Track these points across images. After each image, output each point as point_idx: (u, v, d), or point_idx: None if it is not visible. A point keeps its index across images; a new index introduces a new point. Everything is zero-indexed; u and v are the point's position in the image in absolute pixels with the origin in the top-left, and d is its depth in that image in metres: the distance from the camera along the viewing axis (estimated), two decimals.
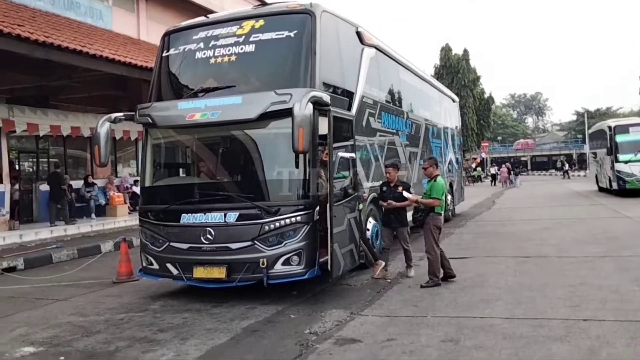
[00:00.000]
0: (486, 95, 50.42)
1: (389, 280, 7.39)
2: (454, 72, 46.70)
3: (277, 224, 6.35)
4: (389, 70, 10.33)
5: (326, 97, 6.48)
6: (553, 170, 61.09)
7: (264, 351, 4.81)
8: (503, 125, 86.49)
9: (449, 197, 14.34)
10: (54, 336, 5.54)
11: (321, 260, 6.57)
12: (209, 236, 6.53)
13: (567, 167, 48.15)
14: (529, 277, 7.29)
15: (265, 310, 6.17)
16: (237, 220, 6.46)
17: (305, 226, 6.38)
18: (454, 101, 17.76)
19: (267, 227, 6.37)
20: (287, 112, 6.12)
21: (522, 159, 76.83)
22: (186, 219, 6.71)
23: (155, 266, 6.99)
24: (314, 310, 6.11)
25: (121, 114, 7.16)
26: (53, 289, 7.98)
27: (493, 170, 43.42)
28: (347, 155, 6.86)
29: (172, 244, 6.79)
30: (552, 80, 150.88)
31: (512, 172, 39.21)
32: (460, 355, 4.40)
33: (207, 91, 6.93)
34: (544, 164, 73.71)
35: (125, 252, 8.56)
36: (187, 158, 7.51)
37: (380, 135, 9.21)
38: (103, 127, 6.88)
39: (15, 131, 14.09)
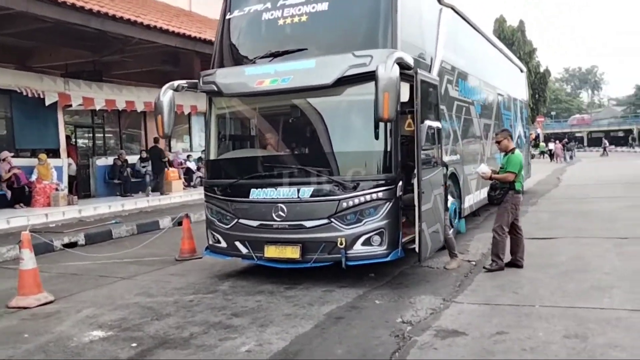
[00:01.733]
0: (542, 69, 48.11)
1: (474, 263, 6.71)
2: (509, 44, 44.44)
3: (356, 201, 5.76)
4: (465, 34, 9.49)
5: (410, 59, 5.78)
6: (612, 146, 58.26)
7: (356, 343, 4.26)
8: (556, 100, 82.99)
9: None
10: (123, 319, 5.17)
11: (403, 240, 5.96)
12: (281, 213, 6.01)
13: (606, 144, 46.42)
14: (637, 261, 6.47)
15: (344, 294, 5.63)
16: (311, 196, 5.90)
17: (387, 203, 5.76)
18: (521, 71, 16.63)
19: (345, 204, 5.78)
20: (368, 77, 5.52)
21: (578, 134, 73.52)
22: (256, 194, 6.20)
23: (223, 244, 6.54)
24: (399, 295, 5.52)
25: (184, 81, 6.64)
26: (116, 266, 7.68)
27: (552, 145, 41.79)
28: (433, 124, 6.16)
29: (241, 221, 6.31)
30: (608, 54, 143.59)
31: (565, 148, 38.05)
32: (596, 355, 3.73)
33: (276, 55, 6.31)
34: (600, 141, 70.42)
35: (187, 228, 8.19)
36: (256, 129, 6.93)
37: (457, 105, 8.44)
38: (166, 95, 6.40)
39: (71, 105, 13.97)
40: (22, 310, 5.58)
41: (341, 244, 5.75)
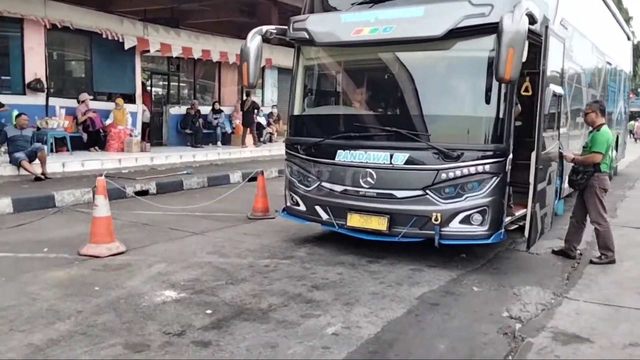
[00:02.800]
0: (636, 40, 44.32)
1: (579, 252, 5.92)
2: None
3: (458, 172, 5.07)
4: None
5: (537, 10, 4.91)
6: None
7: (459, 337, 3.68)
8: None
9: (614, 152, 12.15)
10: (196, 279, 4.81)
11: (505, 220, 5.27)
12: (369, 179, 5.42)
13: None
14: None
15: (435, 276, 5.04)
16: (405, 163, 5.26)
17: (495, 178, 5.04)
18: (628, 38, 14.96)
19: (444, 175, 5.11)
20: (486, 29, 4.80)
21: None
22: (343, 156, 5.62)
23: (302, 207, 6.06)
24: (499, 283, 4.87)
25: (273, 27, 6.05)
26: (187, 219, 7.41)
27: (636, 124, 38.87)
28: (558, 90, 5.31)
29: (323, 184, 5.79)
30: None
31: None
32: None
33: (376, 2, 5.60)
34: None
35: (262, 186, 7.78)
36: (348, 84, 6.27)
37: (570, 71, 7.45)
38: (254, 41, 5.84)
39: (149, 50, 13.82)
40: (94, 259, 5.35)
41: (436, 219, 5.12)
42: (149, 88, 15.45)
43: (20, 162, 9.18)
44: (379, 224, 5.43)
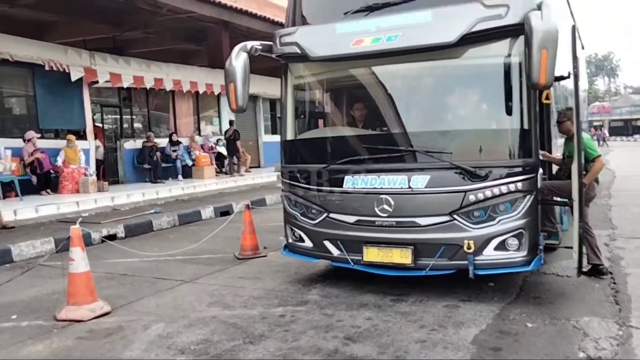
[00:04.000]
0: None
1: (602, 268, 5.53)
2: None
3: (488, 193, 4.58)
4: None
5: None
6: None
7: None
8: None
9: None
10: (207, 341, 4.06)
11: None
12: (386, 207, 4.86)
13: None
14: None
15: (476, 312, 4.50)
16: (427, 187, 4.73)
17: (528, 196, 4.59)
18: (582, 48, 15.14)
19: (472, 197, 4.61)
20: (502, 32, 4.45)
21: (596, 123, 71.59)
22: (352, 182, 5.04)
23: (307, 243, 5.41)
24: (551, 316, 4.36)
25: (257, 42, 5.42)
26: (169, 265, 6.60)
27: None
28: (583, 93, 4.94)
29: (332, 215, 5.17)
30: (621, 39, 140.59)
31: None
32: None
33: (374, 9, 5.06)
34: (620, 129, 68.57)
35: (249, 222, 7.05)
36: (349, 101, 5.68)
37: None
38: (239, 58, 5.19)
39: (97, 81, 12.85)
40: (75, 325, 4.51)
41: (469, 247, 4.59)
42: (99, 122, 14.39)
43: None
44: (402, 256, 4.85)
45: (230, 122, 16.49)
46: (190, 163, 15.40)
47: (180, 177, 14.75)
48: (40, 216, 9.41)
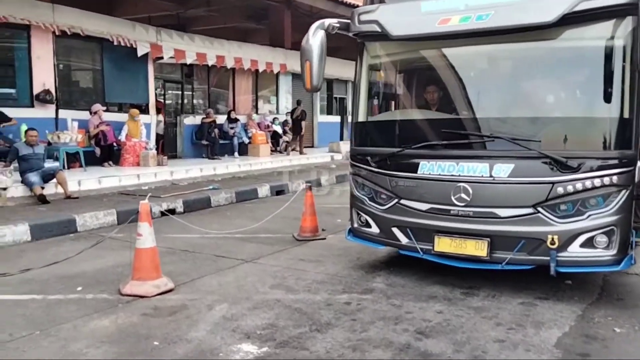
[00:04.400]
0: None
1: None
2: None
3: (579, 186, 4.21)
4: None
5: None
6: None
7: None
8: None
9: None
10: (272, 326, 3.93)
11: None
12: (463, 195, 4.56)
13: None
14: None
15: (556, 312, 4.19)
16: (510, 176, 4.40)
17: (623, 191, 4.19)
18: None
19: (560, 189, 4.26)
20: (609, 12, 4.04)
21: None
22: (428, 168, 4.77)
23: (374, 229, 5.19)
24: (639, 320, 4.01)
25: (335, 20, 5.17)
26: (229, 243, 6.54)
27: None
28: None
29: (403, 202, 4.92)
30: None
31: None
32: None
33: None
34: None
35: (311, 203, 6.90)
36: (431, 83, 5.32)
37: None
38: (316, 36, 4.95)
39: (162, 57, 12.93)
40: (139, 300, 4.47)
41: (552, 243, 4.26)
42: (161, 98, 14.57)
43: (33, 187, 8.26)
44: (477, 248, 4.56)
45: (298, 102, 16.68)
46: (246, 141, 15.42)
47: (236, 154, 14.79)
48: (103, 187, 9.59)
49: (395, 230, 5.01)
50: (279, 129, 16.97)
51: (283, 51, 16.67)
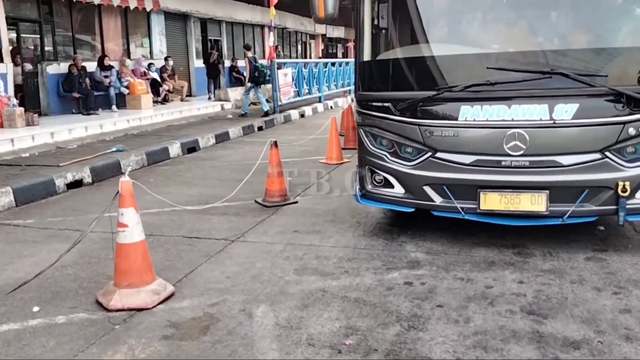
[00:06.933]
0: None
1: None
2: None
3: None
4: None
5: None
6: None
7: None
8: None
9: None
10: (350, 328, 2.98)
11: None
12: (519, 143, 3.90)
13: None
14: None
15: (631, 264, 3.80)
16: (574, 118, 3.82)
17: None
18: None
19: (632, 130, 3.78)
20: None
21: None
22: (472, 114, 4.00)
23: (397, 190, 4.34)
24: None
25: None
26: (187, 219, 5.28)
27: None
28: None
29: (439, 155, 4.12)
30: None
31: None
32: None
33: None
34: None
35: (278, 161, 5.80)
36: (462, 9, 4.41)
37: None
38: None
39: None
40: (140, 315, 3.21)
41: (624, 190, 3.81)
42: (15, 42, 11.72)
43: None
44: (534, 203, 3.97)
45: (212, 47, 15.66)
46: (125, 91, 13.28)
47: (114, 107, 12.68)
48: None
49: (428, 189, 4.22)
50: (156, 76, 14.93)
51: None
